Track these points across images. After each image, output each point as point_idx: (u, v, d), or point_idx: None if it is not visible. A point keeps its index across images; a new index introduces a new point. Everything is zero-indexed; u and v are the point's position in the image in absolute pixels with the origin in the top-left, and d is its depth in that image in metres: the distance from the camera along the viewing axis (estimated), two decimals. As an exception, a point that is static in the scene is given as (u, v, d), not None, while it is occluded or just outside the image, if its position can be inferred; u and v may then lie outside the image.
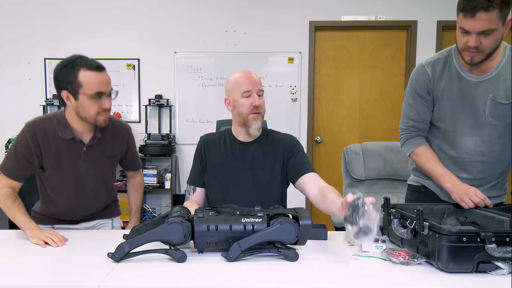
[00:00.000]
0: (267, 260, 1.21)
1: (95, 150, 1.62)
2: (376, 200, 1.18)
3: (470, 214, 1.43)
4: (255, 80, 1.59)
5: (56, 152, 1.56)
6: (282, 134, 1.74)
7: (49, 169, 1.59)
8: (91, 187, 1.67)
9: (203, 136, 1.76)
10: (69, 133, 1.55)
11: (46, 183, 1.64)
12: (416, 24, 3.93)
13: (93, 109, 1.49)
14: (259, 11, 3.97)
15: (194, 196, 1.71)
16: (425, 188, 1.70)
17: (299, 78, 3.99)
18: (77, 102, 1.48)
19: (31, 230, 1.46)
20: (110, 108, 1.53)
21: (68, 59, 1.50)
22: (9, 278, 1.08)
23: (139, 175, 1.95)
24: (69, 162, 1.59)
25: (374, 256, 1.22)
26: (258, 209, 1.29)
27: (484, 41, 1.36)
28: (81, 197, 1.66)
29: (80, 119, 1.53)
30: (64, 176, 1.60)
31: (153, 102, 3.91)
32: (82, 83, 1.46)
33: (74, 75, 1.46)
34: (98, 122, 1.53)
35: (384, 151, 2.34)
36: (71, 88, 1.47)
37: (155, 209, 4.10)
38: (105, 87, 1.50)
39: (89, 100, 1.47)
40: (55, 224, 1.70)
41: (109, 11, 3.99)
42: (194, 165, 1.73)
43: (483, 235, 1.06)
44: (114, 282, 1.04)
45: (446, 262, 1.08)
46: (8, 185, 1.55)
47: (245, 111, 1.59)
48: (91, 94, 1.46)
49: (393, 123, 4.05)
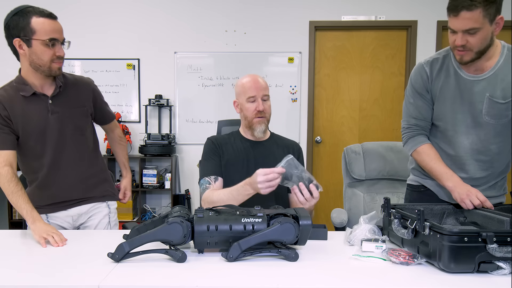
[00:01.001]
0: (267, 260, 1.21)
1: (62, 101, 1.61)
2: (376, 200, 1.18)
3: (470, 214, 1.43)
4: (260, 85, 1.67)
5: (23, 113, 1.54)
6: (289, 140, 1.84)
7: (22, 133, 1.55)
8: (69, 142, 1.63)
9: (212, 137, 1.80)
10: (29, 89, 1.54)
11: (25, 153, 1.60)
12: (416, 24, 3.93)
13: (46, 55, 1.49)
14: (259, 11, 3.98)
15: (216, 185, 1.67)
16: (424, 188, 1.70)
17: (299, 78, 3.99)
18: (30, 49, 1.48)
19: (34, 222, 1.45)
20: (63, 56, 1.54)
21: (19, 7, 1.49)
22: (9, 278, 1.08)
23: (117, 127, 1.95)
24: (38, 118, 1.56)
25: (374, 256, 1.22)
26: (258, 209, 1.29)
27: (470, 39, 1.39)
28: (64, 157, 1.63)
29: (34, 69, 1.52)
30: (38, 135, 1.57)
31: (153, 102, 3.92)
32: (35, 30, 1.45)
33: (27, 22, 1.45)
34: (52, 69, 1.52)
35: (384, 151, 2.34)
36: (24, 35, 1.46)
37: (155, 209, 4.10)
38: (58, 34, 1.50)
39: (43, 46, 1.47)
40: (49, 213, 1.68)
41: (109, 11, 3.99)
42: (209, 160, 1.71)
43: (484, 235, 1.06)
44: (114, 282, 1.04)
45: (448, 262, 1.08)
46: (4, 162, 1.50)
47: (250, 115, 1.68)
48: (44, 40, 1.46)
49: (393, 123, 4.05)
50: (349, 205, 2.33)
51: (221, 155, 1.71)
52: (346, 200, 2.36)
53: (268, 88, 1.74)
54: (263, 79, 1.74)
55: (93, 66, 4.03)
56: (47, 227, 1.44)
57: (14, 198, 1.49)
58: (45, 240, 1.38)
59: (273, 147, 1.75)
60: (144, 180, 3.88)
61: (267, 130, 1.76)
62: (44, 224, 1.46)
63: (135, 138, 4.07)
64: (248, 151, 1.72)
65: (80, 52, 3.97)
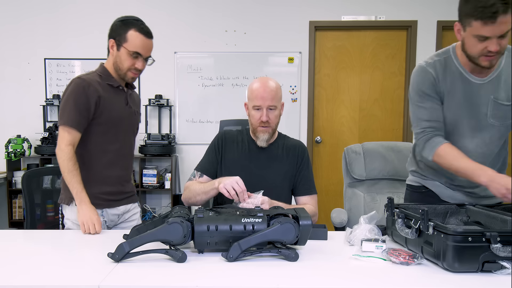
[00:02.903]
0: (267, 260, 1.21)
1: (131, 100, 1.82)
2: (377, 200, 1.18)
3: (473, 213, 1.43)
4: (267, 96, 1.66)
5: (110, 100, 1.70)
6: (294, 140, 1.85)
7: (102, 114, 1.67)
8: (132, 135, 1.86)
9: (223, 131, 1.84)
10: (115, 81, 1.73)
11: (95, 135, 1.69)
12: (416, 24, 3.93)
13: (127, 64, 1.68)
14: (259, 11, 3.97)
15: (199, 180, 1.74)
16: (426, 189, 1.68)
17: (299, 78, 3.99)
18: (117, 53, 1.68)
19: (80, 203, 1.57)
20: (141, 69, 1.72)
21: (127, 16, 1.71)
22: (9, 278, 1.08)
23: None
24: (120, 107, 1.74)
25: (374, 256, 1.22)
26: (258, 209, 1.29)
27: (502, 43, 1.35)
28: (127, 147, 1.82)
29: (115, 69, 1.72)
30: (114, 120, 1.71)
31: (153, 102, 3.91)
32: (128, 40, 1.65)
33: (125, 30, 1.66)
34: (126, 76, 1.71)
35: (384, 151, 2.34)
36: (118, 39, 1.67)
37: (155, 209, 4.10)
38: (144, 51, 1.68)
39: (127, 56, 1.67)
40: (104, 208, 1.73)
41: (109, 11, 3.99)
42: (207, 155, 1.78)
43: (488, 235, 1.06)
44: (114, 282, 1.04)
45: (452, 262, 1.08)
46: (70, 141, 1.61)
47: (254, 123, 1.70)
48: (130, 51, 1.65)
49: (393, 123, 4.05)
50: (349, 205, 2.33)
51: (223, 154, 1.75)
52: (346, 200, 2.36)
53: (279, 96, 1.71)
54: (276, 84, 1.71)
55: (93, 66, 3.99)
56: (90, 212, 1.55)
57: (69, 176, 1.59)
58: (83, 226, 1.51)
59: (277, 151, 1.76)
60: (144, 180, 3.88)
61: (271, 138, 1.75)
62: (89, 208, 1.56)
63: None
64: (252, 154, 1.74)
65: (80, 52, 3.97)
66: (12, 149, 3.79)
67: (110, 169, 1.74)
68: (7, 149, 3.79)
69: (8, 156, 3.78)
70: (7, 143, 3.81)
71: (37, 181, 2.06)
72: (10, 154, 3.78)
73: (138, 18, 1.72)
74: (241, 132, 1.81)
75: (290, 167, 1.74)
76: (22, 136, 3.89)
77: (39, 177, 2.09)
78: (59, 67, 4.03)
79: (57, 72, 4.03)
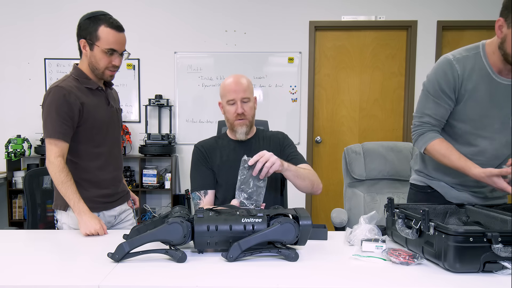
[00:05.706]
0: (267, 260, 1.21)
1: (111, 99, 1.76)
2: (377, 200, 1.18)
3: (472, 213, 1.43)
4: (241, 88, 1.66)
5: (93, 103, 1.64)
6: (273, 131, 1.88)
7: (90, 122, 1.63)
8: (118, 136, 1.80)
9: (198, 143, 1.81)
10: (94, 83, 1.66)
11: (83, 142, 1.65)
12: (416, 24, 3.93)
13: (103, 63, 1.62)
14: (259, 11, 3.97)
15: (206, 200, 1.71)
16: (431, 189, 1.65)
17: (299, 78, 3.99)
18: (91, 52, 1.61)
19: (80, 214, 1.52)
20: (118, 65, 1.65)
21: (94, 12, 1.64)
22: (9, 278, 1.08)
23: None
24: (103, 109, 1.69)
25: (374, 256, 1.22)
26: (258, 209, 1.29)
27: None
28: (115, 148, 1.77)
29: (91, 70, 1.65)
30: (102, 124, 1.67)
31: (153, 102, 3.91)
32: (100, 37, 1.59)
33: (95, 28, 1.59)
34: (104, 75, 1.65)
35: (384, 151, 2.34)
36: (89, 38, 1.60)
37: (155, 209, 4.09)
38: (118, 46, 1.62)
39: (102, 54, 1.60)
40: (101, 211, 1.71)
41: (109, 11, 3.97)
42: (197, 171, 1.75)
43: (489, 235, 1.05)
44: (114, 282, 1.04)
45: (453, 262, 1.08)
46: (59, 153, 1.56)
47: (231, 118, 1.71)
48: (104, 49, 1.59)
49: (393, 123, 4.05)
50: (349, 205, 2.33)
51: (210, 162, 1.74)
52: (346, 200, 2.36)
53: (251, 89, 1.71)
54: (247, 79, 1.72)
55: (93, 66, 4.03)
56: (92, 222, 1.51)
57: (64, 188, 1.55)
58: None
59: (258, 143, 1.77)
60: (144, 180, 3.88)
61: (250, 130, 1.76)
62: (89, 219, 1.52)
63: (135, 138, 4.07)
64: (235, 152, 1.73)
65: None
66: (12, 149, 3.79)
67: (104, 171, 1.71)
68: (7, 149, 3.80)
69: (8, 156, 3.78)
70: (7, 143, 3.81)
71: (37, 181, 2.07)
72: (10, 154, 3.78)
73: (105, 12, 1.65)
74: (218, 138, 1.82)
75: (275, 152, 1.67)
76: (22, 136, 3.89)
77: (39, 177, 2.09)
78: (59, 67, 4.03)
79: (57, 72, 4.03)
